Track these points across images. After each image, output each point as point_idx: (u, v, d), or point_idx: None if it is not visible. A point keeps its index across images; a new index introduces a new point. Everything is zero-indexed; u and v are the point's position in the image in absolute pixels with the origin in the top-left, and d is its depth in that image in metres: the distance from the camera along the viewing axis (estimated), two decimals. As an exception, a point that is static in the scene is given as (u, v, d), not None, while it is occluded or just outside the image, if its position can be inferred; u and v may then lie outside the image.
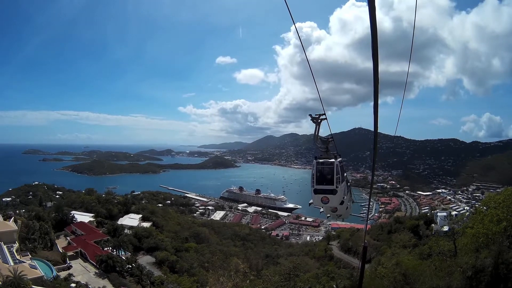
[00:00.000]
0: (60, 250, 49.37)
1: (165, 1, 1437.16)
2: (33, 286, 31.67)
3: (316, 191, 12.97)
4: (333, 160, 12.82)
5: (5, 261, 36.46)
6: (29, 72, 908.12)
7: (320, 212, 16.68)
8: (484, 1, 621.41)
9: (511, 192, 24.38)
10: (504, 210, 23.27)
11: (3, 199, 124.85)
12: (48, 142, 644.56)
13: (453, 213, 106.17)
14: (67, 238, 55.64)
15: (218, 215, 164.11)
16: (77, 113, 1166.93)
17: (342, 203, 14.02)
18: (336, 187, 12.65)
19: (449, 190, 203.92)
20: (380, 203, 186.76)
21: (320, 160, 13.06)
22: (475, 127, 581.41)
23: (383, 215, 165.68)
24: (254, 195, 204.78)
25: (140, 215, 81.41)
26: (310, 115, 12.28)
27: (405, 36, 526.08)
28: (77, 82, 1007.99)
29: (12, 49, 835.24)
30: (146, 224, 75.05)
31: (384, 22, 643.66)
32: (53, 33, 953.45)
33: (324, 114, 11.48)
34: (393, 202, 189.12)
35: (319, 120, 12.33)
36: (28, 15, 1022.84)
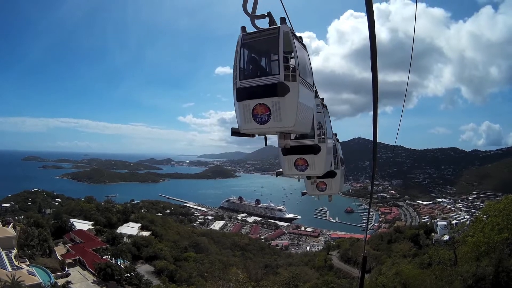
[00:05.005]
0: (59, 257, 49.19)
1: (164, 9, 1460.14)
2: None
3: (241, 94, 6.08)
4: (277, 25, 6.00)
5: (3, 267, 36.30)
6: (29, 78, 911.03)
7: (280, 173, 8.98)
8: (479, 11, 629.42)
9: (511, 200, 24.52)
10: (505, 218, 23.39)
11: (2, 205, 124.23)
12: (48, 149, 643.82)
13: (453, 222, 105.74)
14: (66, 245, 55.36)
15: (217, 225, 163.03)
16: (77, 120, 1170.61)
17: (317, 149, 7.98)
18: (287, 79, 5.79)
19: (449, 199, 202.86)
20: (380, 213, 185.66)
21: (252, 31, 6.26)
22: (475, 136, 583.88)
23: (383, 224, 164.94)
24: (253, 205, 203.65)
25: (140, 224, 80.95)
26: None
27: (402, 47, 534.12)
28: (77, 90, 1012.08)
29: (13, 55, 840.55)
30: (145, 233, 74.59)
31: (381, 32, 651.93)
32: (54, 40, 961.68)
33: None
34: (393, 212, 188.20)
35: None
36: (29, 21, 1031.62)
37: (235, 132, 6.73)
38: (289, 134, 6.77)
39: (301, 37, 6.65)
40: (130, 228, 76.62)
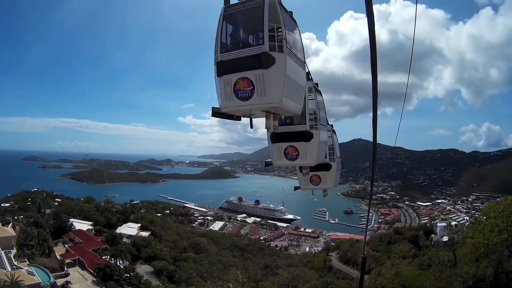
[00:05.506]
0: (58, 257, 49.13)
1: (165, 12, 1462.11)
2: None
3: (222, 68, 5.63)
4: None
5: (3, 266, 36.20)
6: (30, 79, 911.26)
7: (266, 164, 8.83)
8: (479, 12, 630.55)
9: (511, 202, 24.53)
10: (504, 220, 23.39)
11: (2, 205, 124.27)
12: (48, 149, 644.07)
13: (453, 223, 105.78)
14: (65, 245, 55.34)
15: (217, 226, 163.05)
16: (77, 121, 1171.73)
17: (309, 136, 7.33)
18: (272, 49, 5.32)
19: (449, 201, 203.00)
20: (379, 214, 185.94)
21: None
22: (474, 137, 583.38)
23: (383, 225, 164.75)
24: (253, 205, 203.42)
25: (139, 224, 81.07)
26: None
27: (401, 48, 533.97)
28: (78, 90, 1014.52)
29: (13, 55, 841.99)
30: (145, 233, 74.61)
31: (380, 34, 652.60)
32: (55, 41, 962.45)
33: None
34: (393, 213, 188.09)
35: None
36: (30, 22, 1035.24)
37: (216, 113, 6.06)
38: (277, 115, 6.04)
39: (291, 12, 6.15)
40: (129, 229, 76.69)
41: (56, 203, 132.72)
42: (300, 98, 6.24)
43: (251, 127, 6.58)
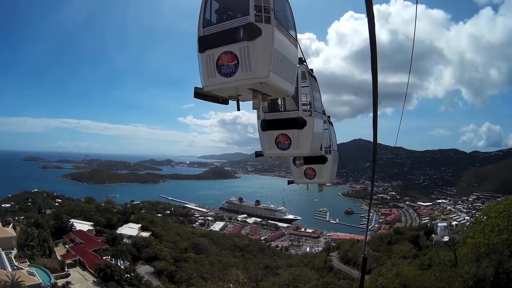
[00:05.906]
0: (59, 257, 49.21)
1: (165, 11, 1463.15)
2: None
3: (204, 43, 5.29)
4: None
5: (3, 267, 36.26)
6: (30, 79, 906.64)
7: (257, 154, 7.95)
8: (479, 12, 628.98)
9: (511, 201, 24.53)
10: (505, 220, 23.38)
11: (2, 205, 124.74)
12: (48, 150, 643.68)
13: (454, 223, 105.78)
14: (66, 246, 55.42)
15: (217, 226, 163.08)
16: (77, 121, 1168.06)
17: (301, 123, 6.92)
18: (258, 20, 4.97)
19: (450, 201, 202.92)
20: (380, 214, 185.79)
21: None
22: (475, 137, 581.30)
23: (383, 226, 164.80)
24: (253, 206, 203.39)
25: (140, 225, 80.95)
26: None
27: (402, 48, 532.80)
28: (78, 91, 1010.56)
29: (13, 55, 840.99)
30: (145, 234, 74.57)
31: (381, 34, 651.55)
32: (55, 41, 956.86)
33: None
34: (393, 213, 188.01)
35: None
36: (30, 22, 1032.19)
37: (198, 93, 5.57)
38: (266, 96, 5.58)
39: None
40: (130, 229, 76.60)
41: (56, 204, 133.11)
42: (291, 76, 5.80)
43: (238, 109, 6.12)
